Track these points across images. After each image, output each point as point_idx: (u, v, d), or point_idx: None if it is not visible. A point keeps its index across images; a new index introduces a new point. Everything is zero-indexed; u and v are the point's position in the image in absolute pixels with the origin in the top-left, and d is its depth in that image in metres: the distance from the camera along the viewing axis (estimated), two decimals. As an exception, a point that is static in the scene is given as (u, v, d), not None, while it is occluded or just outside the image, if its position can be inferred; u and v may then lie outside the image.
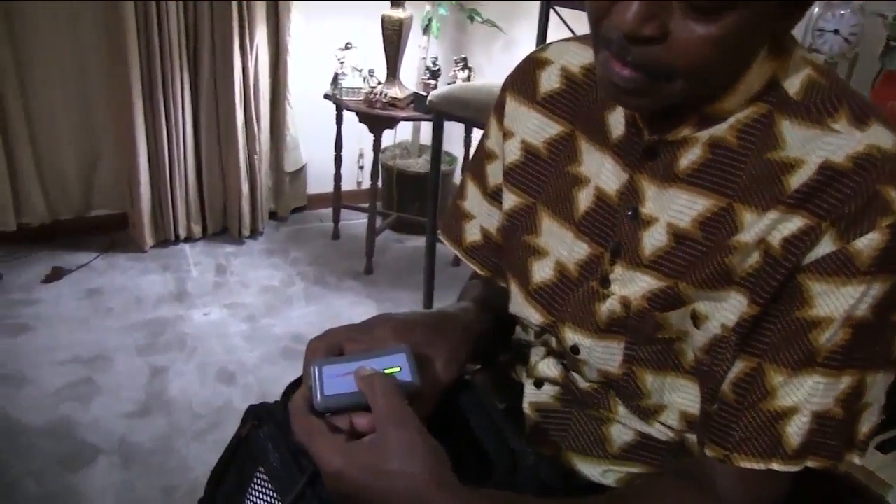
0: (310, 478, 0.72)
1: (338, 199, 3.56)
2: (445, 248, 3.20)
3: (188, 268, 3.22)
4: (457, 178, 3.57)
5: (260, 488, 0.80)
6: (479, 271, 1.01)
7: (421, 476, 0.62)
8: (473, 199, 0.98)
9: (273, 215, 3.75)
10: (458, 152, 3.62)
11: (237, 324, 2.85)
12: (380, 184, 3.42)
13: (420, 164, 3.71)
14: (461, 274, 3.33)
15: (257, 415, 0.82)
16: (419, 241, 3.50)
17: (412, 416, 0.65)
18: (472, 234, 0.98)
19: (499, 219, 0.94)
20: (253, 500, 0.80)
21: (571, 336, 0.84)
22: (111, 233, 3.35)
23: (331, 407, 0.67)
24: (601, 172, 0.82)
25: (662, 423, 0.83)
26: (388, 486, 0.62)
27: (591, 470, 0.89)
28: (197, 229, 3.43)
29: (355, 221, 3.70)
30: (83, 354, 2.57)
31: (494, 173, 0.95)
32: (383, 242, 3.53)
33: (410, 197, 3.65)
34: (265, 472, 0.78)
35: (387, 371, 0.69)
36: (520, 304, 0.91)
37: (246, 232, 3.50)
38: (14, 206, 3.11)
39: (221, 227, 3.53)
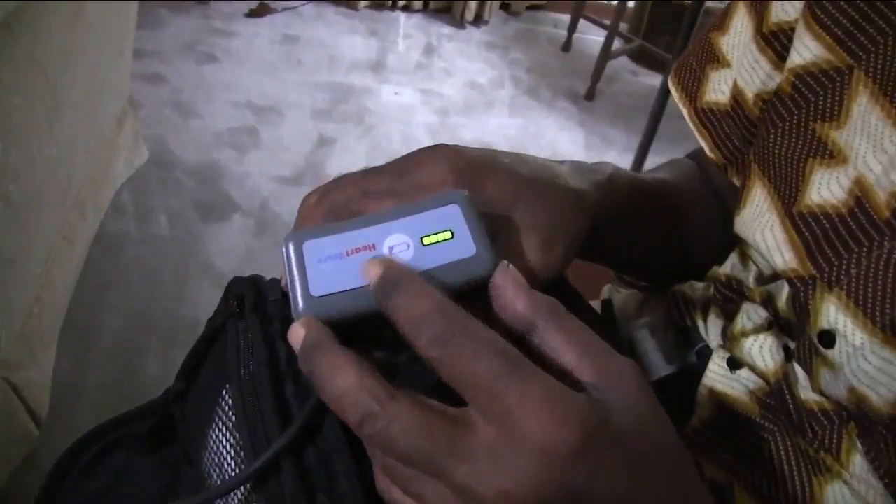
0: (293, 440, 0.39)
1: (580, 7, 3.01)
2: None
3: (396, 39, 2.88)
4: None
5: (221, 424, 0.47)
6: (707, 150, 0.61)
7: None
8: (738, 36, 0.58)
9: (505, 7, 3.28)
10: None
11: (426, 113, 2.51)
12: (632, 2, 2.83)
13: (688, -13, 3.03)
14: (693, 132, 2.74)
15: (239, 295, 0.48)
16: (656, 80, 2.92)
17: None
18: (718, 90, 0.60)
19: (767, 77, 0.55)
20: (214, 442, 0.47)
21: (833, 315, 0.45)
22: (329, -20, 3.06)
23: (326, 314, 0.34)
24: None
25: None
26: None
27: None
28: (417, 1, 3.06)
29: (592, 37, 3.15)
30: (257, 101, 2.35)
31: (784, 4, 0.54)
32: (616, 69, 2.97)
33: (662, 26, 3.01)
34: (230, 394, 0.45)
35: (426, 241, 0.36)
36: (760, 226, 0.51)
37: (469, 17, 3.07)
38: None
39: (445, 5, 3.13)
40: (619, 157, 2.48)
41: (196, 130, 2.19)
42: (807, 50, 0.49)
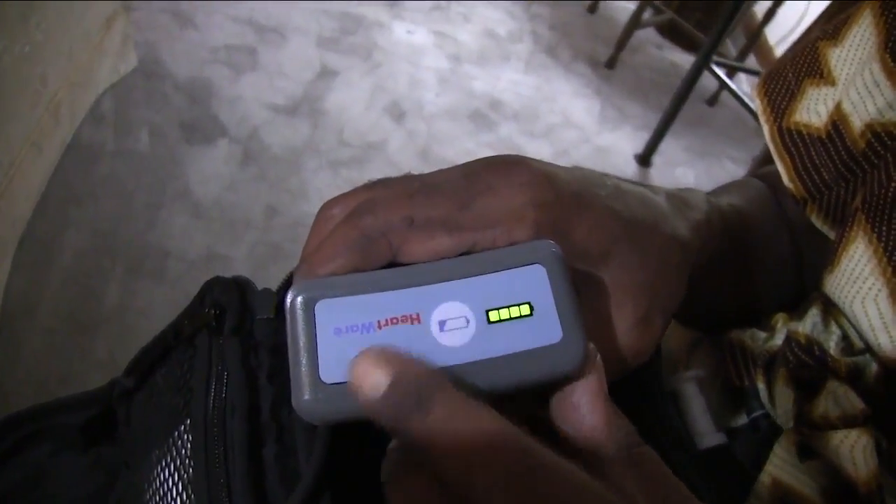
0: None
1: (614, -35, 2.84)
2: (708, 82, 2.50)
3: (415, -26, 2.71)
4: (762, 5, 2.68)
5: (174, 469, 0.37)
6: (785, 179, 0.50)
7: None
8: (854, 50, 0.47)
9: (534, -46, 3.10)
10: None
11: (438, 58, 2.37)
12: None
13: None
14: (713, 119, 2.63)
15: (219, 304, 0.37)
16: (682, 59, 2.79)
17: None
18: (813, 110, 0.49)
19: (887, 105, 0.44)
20: (162, 485, 0.37)
21: None
22: None
23: (341, 411, 0.24)
24: None
25: None
26: None
27: None
28: (444, -66, 2.88)
29: (622, 3, 2.99)
30: (261, 20, 2.20)
31: None
32: (640, 41, 2.82)
33: (696, 2, 2.85)
34: (190, 434, 0.35)
35: (493, 316, 0.25)
36: (860, 294, 0.42)
37: (496, -41, 2.90)
38: None
39: (473, -57, 2.95)
40: (634, 134, 2.36)
41: (191, 42, 2.04)
42: None
